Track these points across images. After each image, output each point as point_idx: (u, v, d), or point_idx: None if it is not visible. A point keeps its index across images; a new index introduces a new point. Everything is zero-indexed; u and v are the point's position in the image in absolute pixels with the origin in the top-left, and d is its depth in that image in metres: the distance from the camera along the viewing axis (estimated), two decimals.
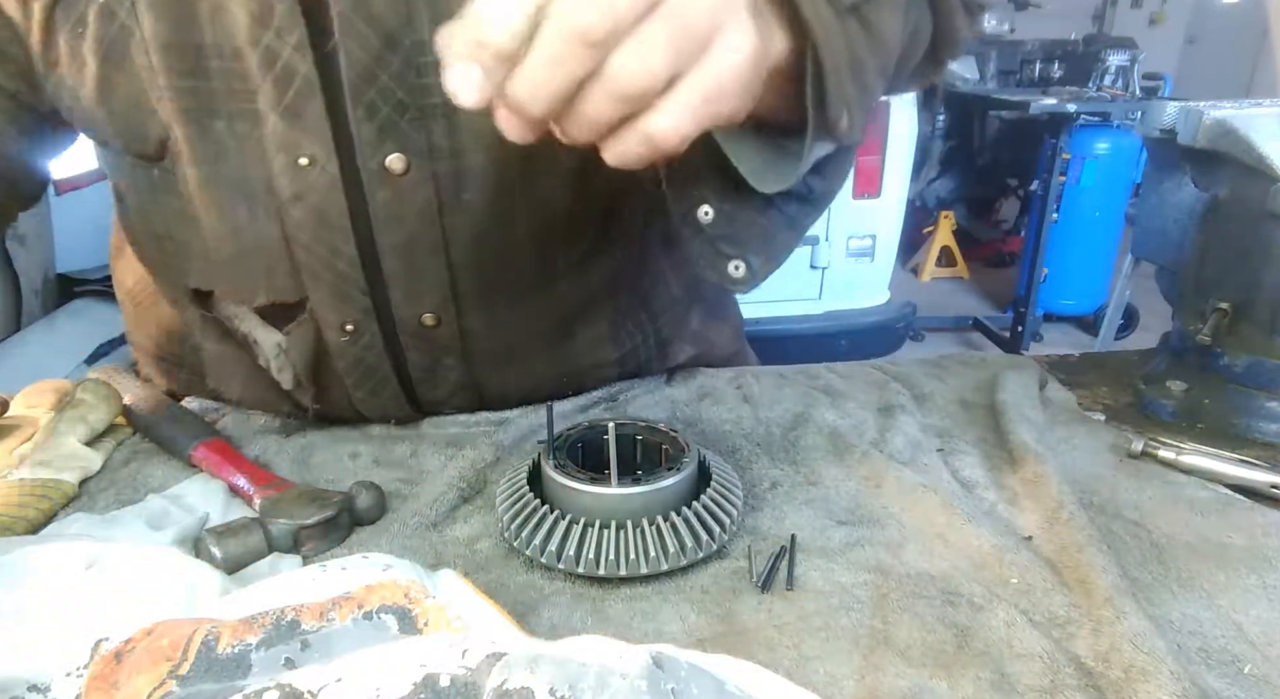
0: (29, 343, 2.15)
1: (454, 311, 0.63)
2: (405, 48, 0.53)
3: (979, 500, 0.61)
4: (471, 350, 0.66)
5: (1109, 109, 3.55)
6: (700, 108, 0.35)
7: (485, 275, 0.62)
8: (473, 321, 0.64)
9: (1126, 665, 0.42)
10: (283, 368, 0.64)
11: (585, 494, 0.52)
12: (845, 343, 3.04)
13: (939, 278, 4.81)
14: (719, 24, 0.34)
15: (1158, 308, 1.23)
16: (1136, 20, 6.85)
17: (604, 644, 0.33)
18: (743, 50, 0.35)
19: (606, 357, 0.74)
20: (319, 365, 0.65)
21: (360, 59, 0.53)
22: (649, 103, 0.34)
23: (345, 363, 0.64)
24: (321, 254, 0.59)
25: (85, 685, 0.36)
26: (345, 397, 0.67)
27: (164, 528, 0.54)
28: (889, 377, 0.82)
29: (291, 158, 0.55)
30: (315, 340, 0.64)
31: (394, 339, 0.64)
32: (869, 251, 3.09)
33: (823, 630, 0.47)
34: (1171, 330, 0.79)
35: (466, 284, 0.62)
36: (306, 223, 0.58)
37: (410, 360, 0.66)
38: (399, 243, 0.59)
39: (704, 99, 0.35)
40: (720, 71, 0.35)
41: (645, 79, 0.33)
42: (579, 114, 0.34)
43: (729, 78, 0.35)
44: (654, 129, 0.35)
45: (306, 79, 0.53)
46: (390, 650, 0.34)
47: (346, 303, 0.61)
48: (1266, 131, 0.67)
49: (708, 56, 0.34)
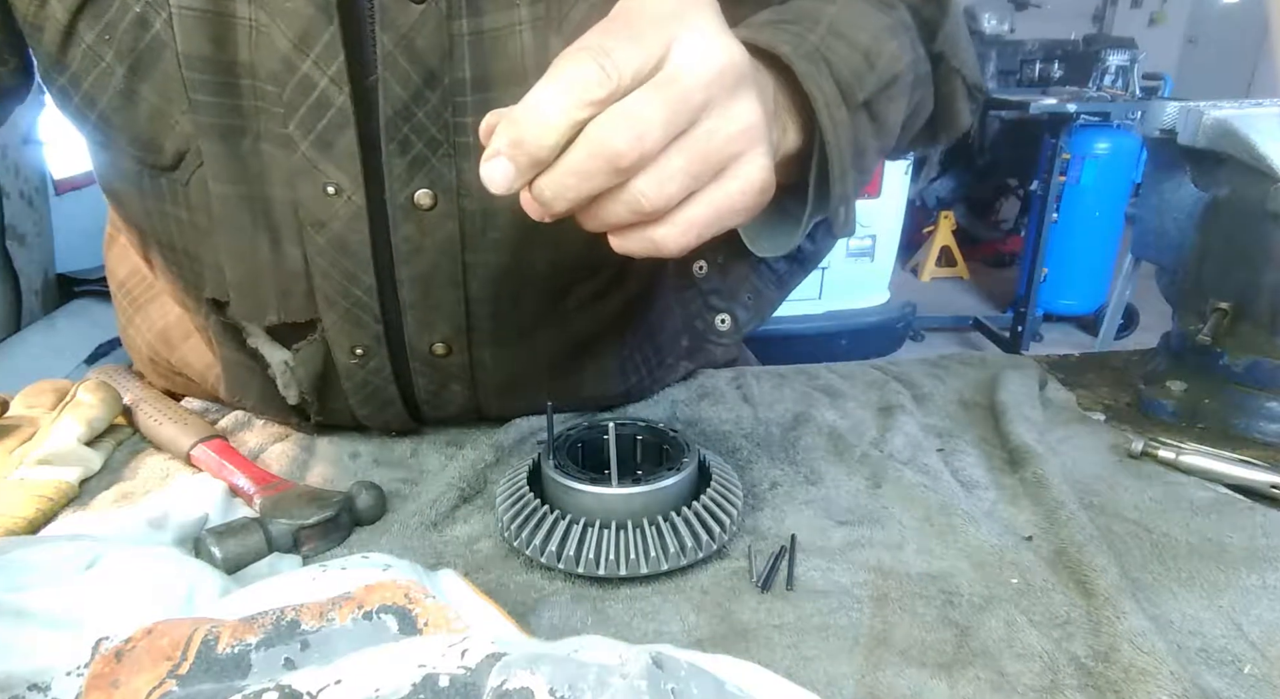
0: (29, 343, 2.15)
1: (465, 342, 0.63)
2: (444, 86, 0.53)
3: (979, 500, 0.61)
4: (479, 379, 0.66)
5: (1109, 109, 3.55)
6: (706, 226, 0.38)
7: (500, 309, 0.62)
8: (483, 353, 0.64)
9: (1126, 665, 0.42)
10: (288, 384, 0.64)
11: (585, 494, 0.52)
12: (845, 343, 3.04)
13: (939, 278, 4.81)
14: (738, 153, 0.37)
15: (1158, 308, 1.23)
16: (1136, 20, 6.85)
17: (604, 644, 0.33)
18: (757, 179, 0.37)
19: (610, 389, 0.74)
20: (325, 383, 0.65)
21: (399, 95, 0.53)
22: (661, 217, 0.37)
23: (352, 383, 0.64)
24: (338, 281, 0.59)
25: (85, 685, 0.36)
26: (348, 411, 0.67)
27: (164, 528, 0.54)
28: (889, 377, 0.82)
29: (318, 186, 0.55)
30: (323, 360, 0.64)
31: (403, 365, 0.64)
32: (869, 251, 3.09)
33: (822, 630, 0.47)
34: (1171, 330, 0.79)
35: (481, 317, 0.62)
36: (327, 250, 0.57)
37: (418, 385, 0.66)
38: (418, 275, 0.59)
39: (712, 219, 0.38)
40: (731, 197, 0.37)
41: (660, 203, 0.36)
42: (595, 214, 0.37)
43: (739, 202, 0.38)
44: (659, 238, 0.38)
45: (341, 110, 0.53)
46: (390, 651, 0.34)
47: (359, 328, 0.61)
48: (1266, 131, 0.67)
49: (722, 182, 0.37)
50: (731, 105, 0.36)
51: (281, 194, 0.56)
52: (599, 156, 0.35)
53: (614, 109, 0.34)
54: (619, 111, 0.34)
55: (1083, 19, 6.72)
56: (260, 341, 0.63)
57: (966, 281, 4.80)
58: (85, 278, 2.40)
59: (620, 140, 0.34)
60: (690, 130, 0.36)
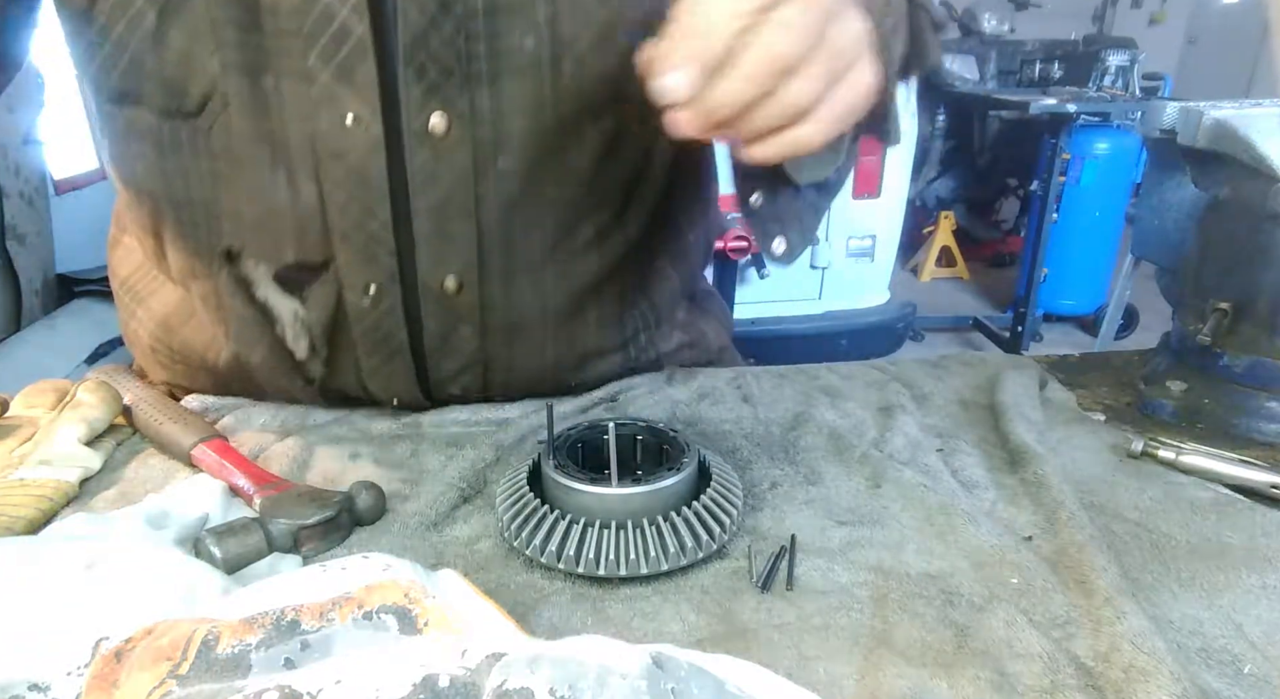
0: (29, 343, 2.15)
1: (476, 277, 0.66)
2: (457, 14, 0.56)
3: (979, 500, 0.61)
4: (487, 323, 0.69)
5: (1109, 109, 3.55)
6: (838, 122, 0.44)
7: (510, 242, 0.65)
8: (492, 289, 0.67)
9: (1126, 665, 0.42)
10: (298, 335, 0.67)
11: (585, 494, 0.52)
12: (845, 343, 3.05)
13: (939, 278, 4.81)
14: (856, 57, 0.44)
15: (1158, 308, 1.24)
16: (1136, 20, 6.84)
17: (604, 644, 0.33)
18: (868, 80, 0.45)
19: (609, 340, 0.76)
20: (335, 330, 0.67)
21: (416, 22, 0.55)
22: (804, 116, 0.43)
23: (362, 328, 0.66)
24: (355, 215, 0.61)
25: (85, 685, 0.36)
26: (355, 369, 0.69)
27: (164, 528, 0.54)
28: (889, 377, 0.82)
29: (338, 116, 0.57)
30: (334, 304, 0.65)
31: (414, 306, 0.66)
32: (869, 251, 3.09)
33: (823, 630, 0.47)
34: (1171, 330, 0.79)
35: (492, 250, 0.65)
36: (344, 181, 0.60)
37: (427, 329, 0.67)
38: (433, 205, 0.61)
39: (841, 115, 0.44)
40: (855, 95, 0.44)
41: (810, 100, 0.42)
42: (751, 120, 0.42)
43: (859, 99, 0.45)
44: (803, 136, 0.43)
45: (360, 40, 0.55)
46: (390, 651, 0.34)
47: (372, 265, 0.63)
48: (1266, 131, 0.67)
49: (846, 82, 0.44)
50: (847, 17, 0.43)
51: (300, 129, 0.58)
52: (767, 60, 0.40)
53: (773, 18, 0.39)
54: (779, 21, 0.40)
55: (1083, 19, 6.71)
56: (270, 293, 0.66)
57: (966, 282, 4.80)
58: (85, 278, 2.40)
59: (785, 46, 0.40)
60: (823, 38, 0.41)
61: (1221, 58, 6.56)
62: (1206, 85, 6.03)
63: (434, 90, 0.57)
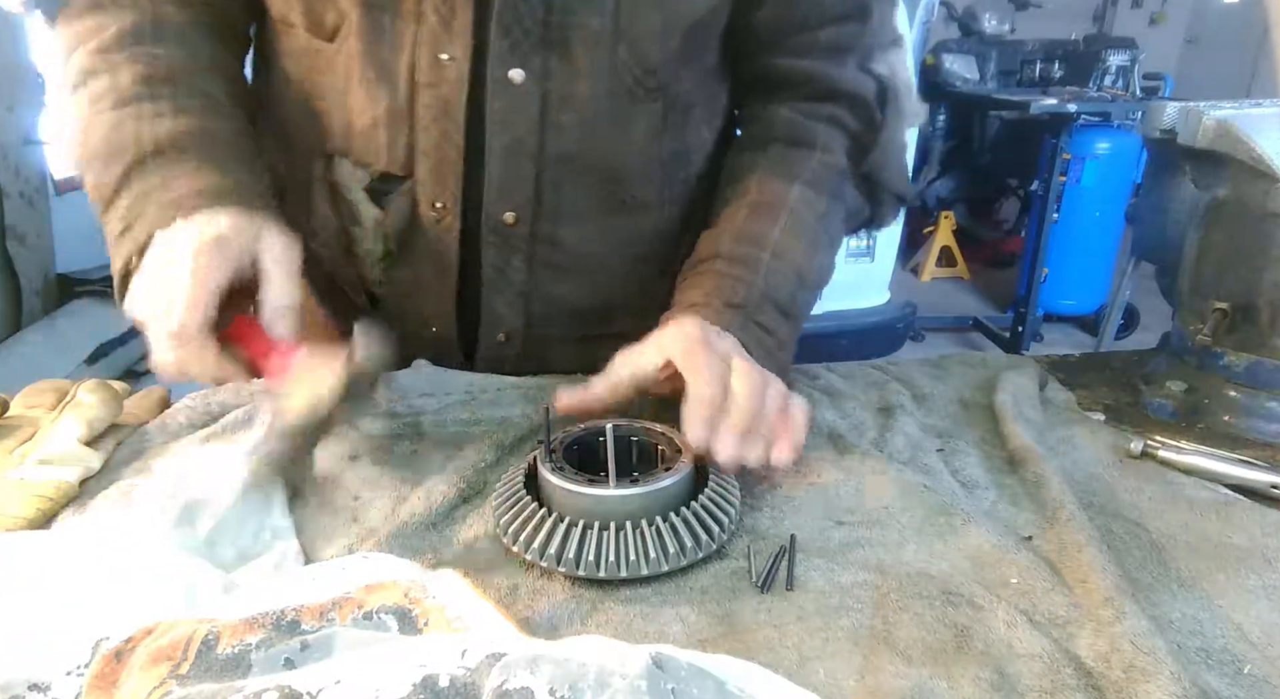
0: (29, 343, 2.15)
1: (531, 215, 0.76)
2: None
3: (979, 500, 0.61)
4: (537, 255, 0.79)
5: (1109, 109, 3.55)
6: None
7: (562, 190, 0.76)
8: (545, 227, 0.77)
9: (1126, 665, 0.42)
10: (376, 238, 0.78)
11: (583, 496, 0.52)
12: (845, 343, 3.04)
13: (939, 278, 4.81)
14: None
15: (1158, 308, 1.23)
16: (1136, 20, 6.84)
17: (604, 644, 0.33)
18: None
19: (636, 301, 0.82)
20: (407, 237, 0.78)
21: None
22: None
23: (427, 239, 0.77)
24: (435, 136, 0.72)
25: (86, 684, 0.36)
26: (410, 278, 0.80)
27: (166, 525, 0.54)
28: (889, 377, 0.82)
29: (435, 53, 0.69)
30: (410, 214, 0.76)
31: (471, 236, 0.77)
32: (869, 252, 3.09)
33: (823, 630, 0.47)
34: (1171, 330, 0.79)
35: (548, 193, 0.76)
36: (432, 106, 0.71)
37: (485, 258, 0.78)
38: (506, 144, 0.72)
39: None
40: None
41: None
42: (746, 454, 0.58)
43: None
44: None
45: None
46: (390, 651, 0.34)
47: (443, 184, 0.74)
48: (1266, 131, 0.67)
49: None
50: (773, 381, 0.62)
51: (405, 59, 0.70)
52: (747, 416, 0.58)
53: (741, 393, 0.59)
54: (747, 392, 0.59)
55: (1083, 19, 6.71)
56: (359, 198, 0.77)
57: (966, 282, 4.80)
58: (85, 278, 2.40)
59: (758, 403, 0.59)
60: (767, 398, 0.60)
61: (1221, 58, 6.56)
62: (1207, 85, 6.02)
63: (516, 47, 0.69)
